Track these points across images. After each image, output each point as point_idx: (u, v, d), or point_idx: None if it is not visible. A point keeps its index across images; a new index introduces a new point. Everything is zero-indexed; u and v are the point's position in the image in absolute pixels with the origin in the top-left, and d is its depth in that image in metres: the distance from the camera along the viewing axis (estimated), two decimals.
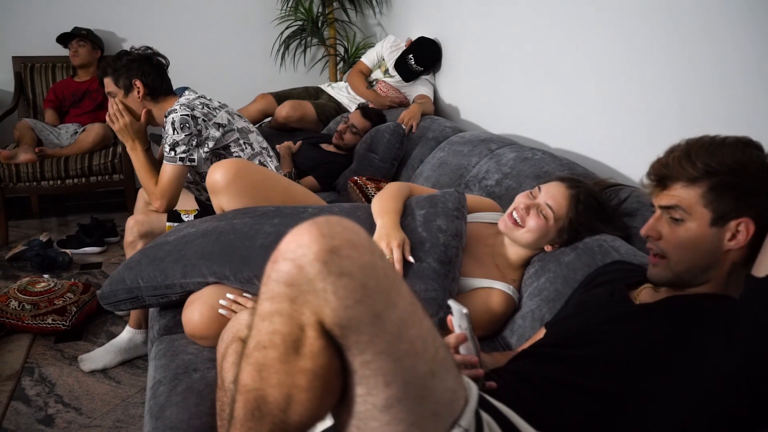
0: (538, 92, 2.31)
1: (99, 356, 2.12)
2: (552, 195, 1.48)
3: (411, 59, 3.09)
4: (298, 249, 0.73)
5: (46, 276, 2.67)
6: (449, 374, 0.81)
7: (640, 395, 0.96)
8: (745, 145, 1.02)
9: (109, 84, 2.09)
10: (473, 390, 0.87)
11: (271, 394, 0.76)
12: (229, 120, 2.09)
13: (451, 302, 1.04)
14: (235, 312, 1.43)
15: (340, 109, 3.36)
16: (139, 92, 2.07)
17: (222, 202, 1.72)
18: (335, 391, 0.78)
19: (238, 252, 1.48)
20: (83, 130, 3.34)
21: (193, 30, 3.83)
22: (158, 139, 2.75)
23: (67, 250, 3.01)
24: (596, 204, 1.50)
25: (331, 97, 3.42)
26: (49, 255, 2.87)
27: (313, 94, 3.47)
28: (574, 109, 2.11)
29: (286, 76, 4.03)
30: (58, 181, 3.17)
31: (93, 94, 3.49)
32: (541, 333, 1.31)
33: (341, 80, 3.79)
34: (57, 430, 1.82)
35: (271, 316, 0.75)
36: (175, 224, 2.02)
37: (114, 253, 3.12)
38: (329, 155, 2.87)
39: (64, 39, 3.43)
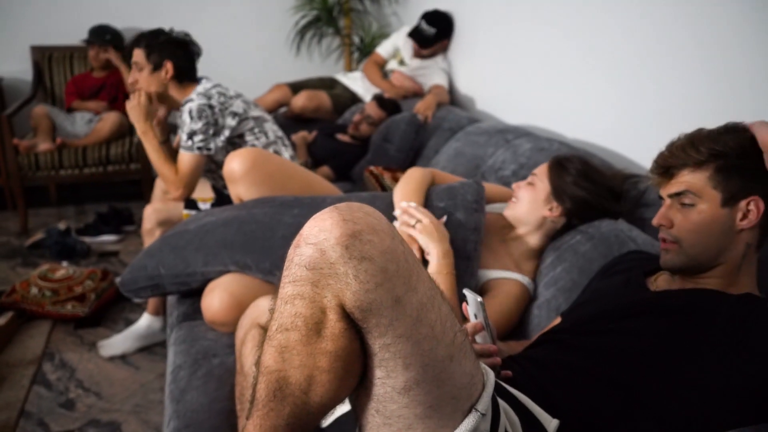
0: (554, 82, 2.30)
1: (118, 342, 2.15)
2: (537, 168, 1.60)
3: (423, 23, 3.10)
4: (320, 234, 0.75)
5: (64, 263, 2.72)
6: (467, 359, 0.82)
7: (654, 385, 0.96)
8: (744, 130, 1.04)
9: (138, 55, 2.09)
10: (490, 376, 0.87)
11: (293, 376, 0.77)
12: (244, 109, 2.10)
13: (466, 291, 1.04)
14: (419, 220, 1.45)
15: (354, 99, 3.37)
16: (167, 73, 2.08)
17: (239, 191, 1.73)
18: (355, 373, 0.79)
19: (260, 242, 1.50)
20: (99, 119, 3.36)
21: (209, 19, 3.83)
22: (175, 128, 2.78)
23: (85, 238, 3.06)
24: (587, 167, 1.54)
25: (346, 87, 3.43)
26: (68, 243, 2.91)
27: (328, 84, 3.47)
28: (589, 99, 2.10)
29: (302, 65, 4.04)
30: (77, 170, 3.21)
31: (109, 88, 3.52)
32: (557, 323, 1.31)
33: (356, 70, 3.78)
34: (78, 414, 1.85)
35: (293, 299, 0.76)
36: (193, 212, 2.04)
37: (131, 241, 3.15)
38: (344, 145, 2.87)
39: (90, 33, 3.45)
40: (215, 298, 1.47)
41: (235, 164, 1.70)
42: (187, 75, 2.13)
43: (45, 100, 3.57)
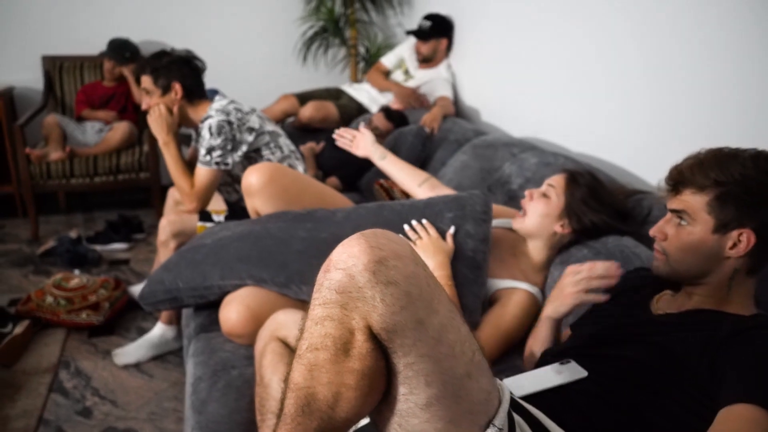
0: (559, 95, 2.35)
1: (132, 351, 2.19)
2: (553, 179, 1.62)
3: (420, 20, 3.20)
4: (349, 259, 0.80)
5: (76, 272, 2.77)
6: (484, 377, 0.87)
7: (654, 406, 1.01)
8: (757, 158, 1.07)
9: (146, 81, 2.15)
10: (506, 392, 0.92)
11: (321, 392, 0.82)
12: (260, 124, 2.15)
13: None
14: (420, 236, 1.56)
15: (361, 109, 3.42)
16: (176, 94, 2.13)
17: (257, 204, 1.78)
18: (380, 389, 0.83)
19: (275, 257, 1.55)
20: (110, 129, 3.42)
21: (215, 29, 3.89)
22: (187, 140, 2.83)
23: (96, 247, 3.10)
24: (598, 185, 1.58)
25: (352, 97, 3.48)
26: (79, 251, 2.96)
27: (334, 94, 3.53)
28: (595, 113, 2.15)
29: (308, 75, 4.09)
30: (87, 179, 3.26)
31: (118, 97, 3.58)
32: (567, 333, 1.37)
33: (362, 81, 3.84)
34: (95, 421, 1.90)
35: (323, 321, 0.81)
36: (207, 224, 2.09)
37: (141, 249, 3.20)
38: (352, 156, 2.88)
39: (111, 48, 3.50)
40: (233, 311, 1.52)
41: (253, 178, 1.75)
42: (196, 92, 2.19)
43: (55, 110, 3.62)
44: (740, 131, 1.56)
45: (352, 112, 3.38)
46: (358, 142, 2.06)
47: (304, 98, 3.44)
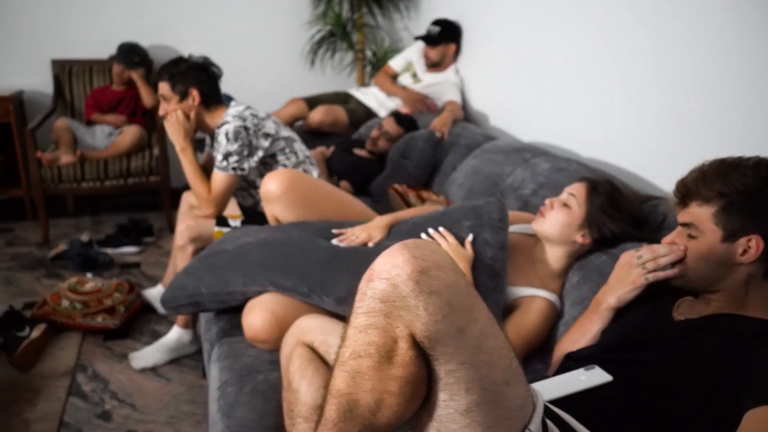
0: (569, 101, 2.38)
1: (149, 355, 2.21)
2: (573, 187, 1.62)
3: (429, 25, 3.22)
4: (393, 269, 0.82)
5: (89, 275, 2.78)
6: (520, 383, 0.90)
7: (681, 411, 1.04)
8: (758, 166, 1.11)
9: (164, 88, 2.16)
10: (539, 398, 0.95)
11: (363, 399, 0.84)
12: (276, 130, 2.17)
13: None
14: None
15: (369, 113, 3.44)
16: (194, 100, 2.15)
17: (276, 211, 1.80)
18: (420, 396, 0.86)
19: (297, 266, 1.57)
20: (120, 132, 3.43)
21: (223, 34, 3.91)
22: (200, 144, 2.85)
23: (107, 250, 3.12)
24: (617, 193, 1.60)
25: (360, 101, 3.50)
26: (91, 255, 2.98)
27: (342, 98, 3.55)
28: (604, 118, 2.18)
29: (315, 79, 4.11)
30: (98, 182, 3.28)
31: (127, 101, 3.60)
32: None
33: (369, 85, 3.87)
34: (115, 425, 1.91)
35: (366, 329, 0.83)
36: (224, 229, 2.11)
37: (152, 252, 3.22)
38: (362, 160, 2.95)
39: (121, 53, 3.52)
40: (257, 318, 1.54)
41: (272, 186, 1.77)
42: (213, 99, 2.21)
43: (65, 113, 3.64)
44: (750, 136, 1.59)
45: (360, 117, 3.40)
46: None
47: (312, 102, 3.46)
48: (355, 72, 4.13)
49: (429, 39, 3.22)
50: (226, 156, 2.07)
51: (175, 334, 2.24)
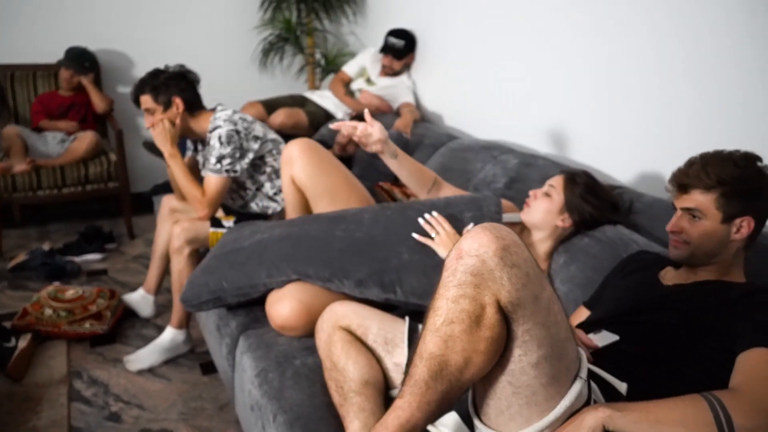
0: (522, 99, 2.61)
1: (144, 356, 2.24)
2: (553, 179, 1.85)
3: (391, 39, 3.37)
4: (480, 248, 0.98)
5: (56, 284, 2.74)
6: (573, 340, 1.08)
7: (685, 361, 1.25)
8: (748, 158, 1.35)
9: (147, 101, 2.21)
10: (582, 352, 1.14)
11: (454, 359, 1.00)
12: (264, 132, 2.27)
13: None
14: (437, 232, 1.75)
15: (328, 116, 3.56)
16: (178, 108, 2.21)
17: (294, 171, 1.97)
18: (499, 353, 1.02)
19: (318, 255, 1.70)
20: (74, 139, 3.37)
21: (172, 38, 3.90)
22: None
23: (71, 258, 3.07)
24: (593, 183, 1.83)
25: (318, 104, 3.61)
26: (57, 263, 2.93)
27: (299, 101, 3.64)
28: (556, 115, 2.42)
29: (266, 83, 4.18)
30: (55, 190, 3.21)
31: (78, 107, 3.53)
32: (582, 310, 1.61)
33: (323, 88, 3.97)
34: (127, 425, 1.95)
35: (458, 299, 0.99)
36: (219, 230, 2.18)
37: (117, 259, 3.19)
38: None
39: (70, 57, 3.44)
40: (285, 306, 1.65)
41: (295, 149, 1.96)
42: (196, 104, 2.28)
43: (8, 120, 3.51)
44: (711, 127, 1.87)
45: (320, 119, 3.51)
46: (371, 136, 1.83)
47: (269, 105, 3.53)
48: (305, 75, 4.23)
49: (396, 52, 3.37)
50: (220, 159, 2.15)
51: (169, 334, 2.28)
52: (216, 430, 1.94)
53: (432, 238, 1.77)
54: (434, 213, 1.81)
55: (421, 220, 1.81)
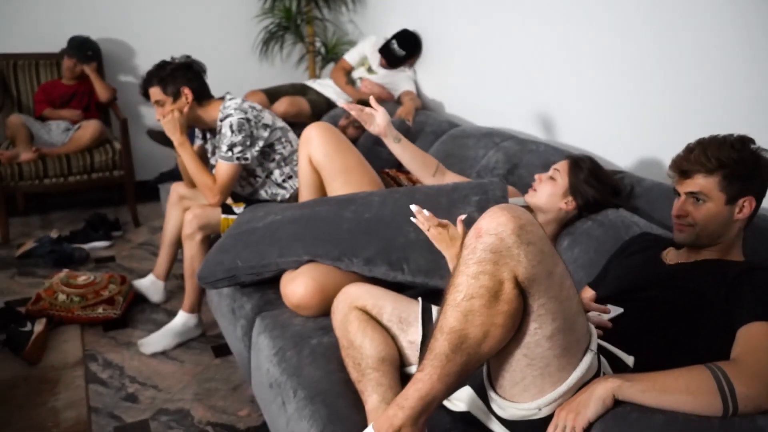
0: (523, 87, 2.66)
1: (158, 340, 2.30)
2: (558, 164, 1.91)
3: (394, 44, 3.39)
4: (498, 227, 1.04)
5: (65, 271, 2.78)
6: (583, 314, 1.15)
7: (688, 335, 1.32)
8: (743, 142, 1.41)
9: (156, 93, 2.25)
10: (592, 326, 1.20)
11: (473, 332, 1.06)
12: (273, 120, 2.32)
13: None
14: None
15: (329, 104, 3.60)
16: (187, 98, 2.25)
17: (311, 150, 2.05)
18: (516, 327, 1.08)
19: (328, 236, 1.76)
20: (78, 128, 3.40)
21: (174, 27, 3.92)
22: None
23: (80, 245, 3.11)
24: (597, 168, 1.89)
25: (319, 93, 3.65)
26: (65, 251, 2.97)
27: (300, 89, 3.68)
28: (560, 103, 2.48)
29: (266, 72, 4.21)
30: (61, 179, 3.25)
31: (80, 96, 3.56)
32: (587, 290, 1.67)
33: (319, 76, 4.01)
34: (144, 405, 2.01)
35: (477, 275, 1.05)
36: (230, 216, 2.23)
37: (123, 246, 3.24)
38: None
39: (73, 46, 3.46)
40: (300, 286, 1.71)
41: (313, 131, 2.06)
42: (204, 93, 2.32)
43: (12, 110, 3.54)
44: (703, 114, 1.93)
45: (322, 107, 3.55)
46: (374, 119, 1.95)
47: (271, 94, 3.57)
48: (305, 64, 4.26)
49: (393, 60, 3.40)
50: (231, 147, 2.19)
51: (182, 318, 2.34)
52: (230, 410, 2.00)
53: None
54: (425, 212, 1.62)
55: (413, 219, 1.78)
